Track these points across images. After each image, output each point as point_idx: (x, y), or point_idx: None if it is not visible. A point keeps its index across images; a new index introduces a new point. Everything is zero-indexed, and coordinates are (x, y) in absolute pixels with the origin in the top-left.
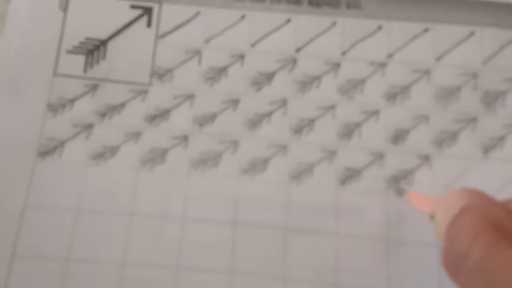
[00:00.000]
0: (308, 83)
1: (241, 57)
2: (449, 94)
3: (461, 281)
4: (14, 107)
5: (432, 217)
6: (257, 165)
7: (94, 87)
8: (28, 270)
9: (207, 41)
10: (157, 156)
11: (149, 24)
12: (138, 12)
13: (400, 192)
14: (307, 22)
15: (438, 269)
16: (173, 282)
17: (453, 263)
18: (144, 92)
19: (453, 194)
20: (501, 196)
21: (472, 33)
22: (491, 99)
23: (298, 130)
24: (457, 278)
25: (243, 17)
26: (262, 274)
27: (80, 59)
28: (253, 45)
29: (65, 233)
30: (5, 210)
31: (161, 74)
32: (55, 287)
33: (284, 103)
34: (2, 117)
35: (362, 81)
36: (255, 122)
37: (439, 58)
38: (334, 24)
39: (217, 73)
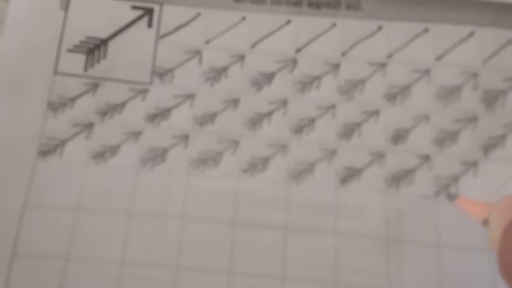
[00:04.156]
0: (308, 83)
1: (241, 57)
2: (449, 93)
3: None
4: (15, 106)
5: (485, 222)
6: (257, 165)
7: (94, 86)
8: (28, 269)
9: (208, 42)
10: (157, 156)
11: (150, 24)
12: (139, 12)
13: (451, 197)
14: (307, 23)
15: (437, 268)
16: (172, 281)
17: None
18: (145, 91)
19: (509, 199)
20: (501, 196)
21: (472, 33)
22: (491, 99)
23: (298, 129)
24: None
25: (243, 18)
26: (261, 274)
27: (81, 58)
28: (253, 46)
29: (65, 232)
30: (5, 210)
31: (162, 74)
32: (55, 286)
33: (284, 103)
34: (2, 116)
35: (362, 81)
36: (255, 121)
37: (439, 58)
38: (334, 25)
39: (218, 73)
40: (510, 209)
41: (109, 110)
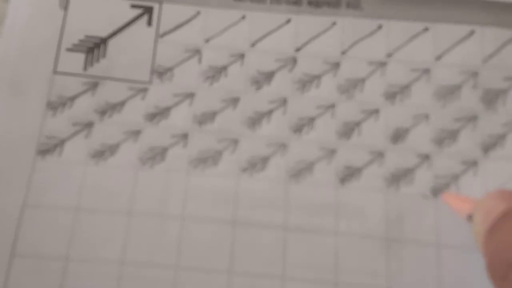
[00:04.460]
0: (307, 82)
1: (241, 56)
2: (449, 93)
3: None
4: (14, 105)
5: (470, 217)
6: (257, 164)
7: (94, 85)
8: (28, 269)
9: (207, 40)
10: (157, 155)
11: (149, 23)
12: (138, 11)
13: (435, 192)
14: (307, 22)
15: (437, 268)
16: (172, 281)
17: (501, 270)
18: (144, 90)
19: (492, 195)
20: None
21: (472, 32)
22: (491, 98)
23: (298, 129)
24: (503, 284)
25: (243, 17)
26: (261, 274)
27: (80, 57)
28: (253, 44)
29: (65, 232)
30: (4, 209)
31: (161, 73)
32: (55, 286)
33: (283, 102)
34: (1, 116)
35: (362, 80)
36: (255, 120)
37: (439, 57)
38: (334, 24)
39: (217, 72)
40: (493, 207)
41: (109, 109)
